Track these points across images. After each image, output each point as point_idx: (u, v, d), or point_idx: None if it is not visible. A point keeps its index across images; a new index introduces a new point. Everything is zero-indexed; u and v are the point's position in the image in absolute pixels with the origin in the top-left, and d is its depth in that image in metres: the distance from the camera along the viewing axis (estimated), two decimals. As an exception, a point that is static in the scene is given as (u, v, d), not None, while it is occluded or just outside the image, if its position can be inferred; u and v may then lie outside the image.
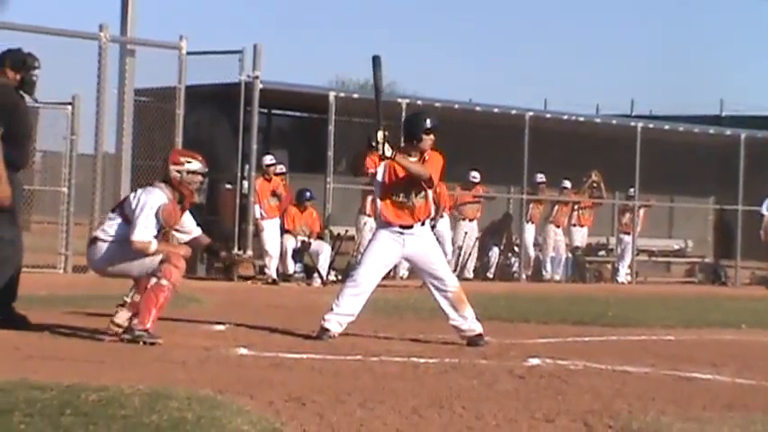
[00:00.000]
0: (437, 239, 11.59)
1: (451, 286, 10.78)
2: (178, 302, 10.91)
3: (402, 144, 10.97)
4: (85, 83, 18.59)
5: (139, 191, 10.23)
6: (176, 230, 10.42)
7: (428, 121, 10.81)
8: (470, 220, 22.92)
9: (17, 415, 5.98)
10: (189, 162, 10.23)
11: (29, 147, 11.03)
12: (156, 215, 9.91)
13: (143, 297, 9.80)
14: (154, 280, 9.79)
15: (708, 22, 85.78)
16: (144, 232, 9.86)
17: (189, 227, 10.46)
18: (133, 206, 10.00)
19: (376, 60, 10.72)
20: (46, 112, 18.13)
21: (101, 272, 10.33)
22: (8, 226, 10.27)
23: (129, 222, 9.97)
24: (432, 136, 10.72)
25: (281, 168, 20.52)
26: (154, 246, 9.87)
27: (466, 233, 22.62)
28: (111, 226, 10.16)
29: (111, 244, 10.06)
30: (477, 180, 22.93)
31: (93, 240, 10.29)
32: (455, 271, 20.93)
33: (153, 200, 9.98)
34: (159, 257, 9.85)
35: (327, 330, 10.62)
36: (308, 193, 20.31)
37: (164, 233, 10.17)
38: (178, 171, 10.15)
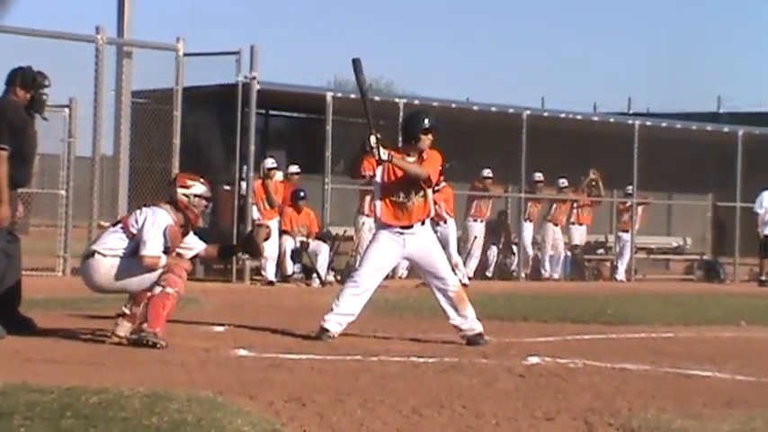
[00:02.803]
0: (441, 243, 11.57)
1: (453, 285, 10.78)
2: (177, 304, 10.89)
3: (401, 144, 10.96)
4: (82, 85, 18.58)
5: (145, 209, 10.19)
6: (180, 248, 10.42)
7: (426, 120, 10.79)
8: (480, 221, 22.78)
9: (17, 418, 5.98)
10: (195, 186, 10.29)
11: (32, 166, 11.04)
12: (164, 234, 9.93)
13: (150, 305, 9.78)
14: (158, 289, 9.80)
15: (705, 19, 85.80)
16: (155, 247, 9.88)
17: (192, 243, 10.52)
18: (140, 223, 10.00)
19: (356, 63, 10.68)
20: (43, 114, 18.09)
21: (98, 287, 10.16)
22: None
23: (132, 238, 9.98)
24: (430, 135, 10.70)
25: (295, 168, 20.66)
26: (163, 261, 9.89)
27: (475, 237, 22.46)
28: (114, 240, 10.09)
29: (112, 258, 10.01)
30: (490, 176, 22.81)
31: (92, 254, 10.09)
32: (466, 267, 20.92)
33: (161, 219, 10.01)
34: (159, 272, 9.88)
35: (327, 330, 10.62)
36: (301, 193, 20.32)
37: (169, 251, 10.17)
38: (185, 195, 10.20)
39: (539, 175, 23.67)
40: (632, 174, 24.34)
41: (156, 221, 9.96)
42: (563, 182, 24.19)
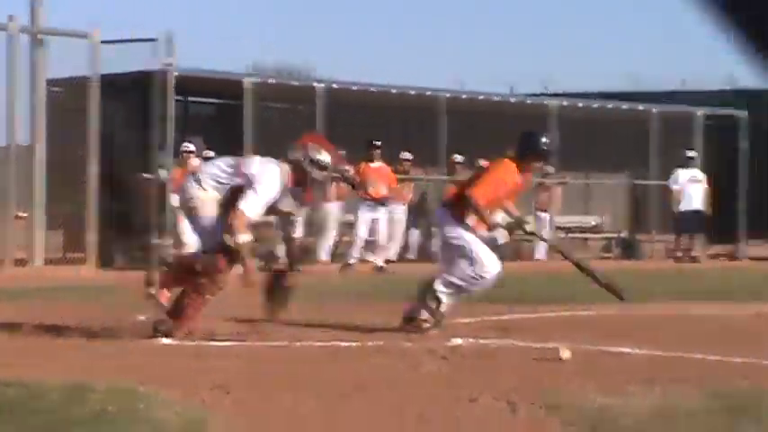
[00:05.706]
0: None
1: None
2: (92, 294, 10.76)
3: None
4: (-3, 74, 18.30)
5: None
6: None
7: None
8: (402, 204, 22.64)
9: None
10: (318, 152, 9.78)
11: None
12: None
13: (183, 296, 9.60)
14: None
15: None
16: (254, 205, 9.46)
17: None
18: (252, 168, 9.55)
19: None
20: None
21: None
22: None
23: (237, 175, 9.55)
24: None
25: (210, 153, 20.40)
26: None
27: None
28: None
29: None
30: (410, 158, 22.70)
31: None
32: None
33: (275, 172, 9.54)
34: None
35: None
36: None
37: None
38: (304, 156, 9.71)
39: (459, 157, 23.71)
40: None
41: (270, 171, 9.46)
42: (483, 163, 24.21)
